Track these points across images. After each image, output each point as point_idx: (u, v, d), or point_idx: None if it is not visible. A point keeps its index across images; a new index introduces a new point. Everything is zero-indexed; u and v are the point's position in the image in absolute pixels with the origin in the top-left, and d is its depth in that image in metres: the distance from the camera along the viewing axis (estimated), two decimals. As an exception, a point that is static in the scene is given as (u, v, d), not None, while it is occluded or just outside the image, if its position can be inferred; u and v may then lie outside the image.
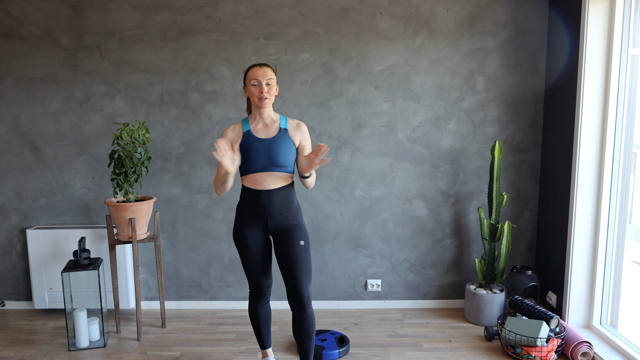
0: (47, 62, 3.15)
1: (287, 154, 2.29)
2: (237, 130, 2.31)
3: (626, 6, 2.64)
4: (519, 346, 2.65)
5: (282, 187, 2.30)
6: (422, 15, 3.12)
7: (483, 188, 3.31)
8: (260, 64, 2.29)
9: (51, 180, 3.28)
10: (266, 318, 2.52)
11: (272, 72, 2.28)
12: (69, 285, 2.87)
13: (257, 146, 2.26)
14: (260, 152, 2.26)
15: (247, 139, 2.28)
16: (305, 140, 2.36)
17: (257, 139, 2.28)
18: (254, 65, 2.30)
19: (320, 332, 2.90)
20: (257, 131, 2.30)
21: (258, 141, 2.27)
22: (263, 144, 2.27)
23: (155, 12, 3.11)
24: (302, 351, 2.40)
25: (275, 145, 2.27)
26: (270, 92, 2.26)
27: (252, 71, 2.27)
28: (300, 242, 2.34)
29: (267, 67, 2.28)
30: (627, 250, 2.80)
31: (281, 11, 3.11)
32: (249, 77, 2.26)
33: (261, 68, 2.26)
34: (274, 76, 2.28)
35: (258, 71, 2.25)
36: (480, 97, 3.21)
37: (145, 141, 2.90)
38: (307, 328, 2.36)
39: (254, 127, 2.31)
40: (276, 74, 2.32)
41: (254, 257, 2.36)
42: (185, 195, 3.29)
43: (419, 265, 3.39)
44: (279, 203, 2.30)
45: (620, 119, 2.71)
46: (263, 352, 2.59)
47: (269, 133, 2.30)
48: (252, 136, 2.28)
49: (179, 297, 3.42)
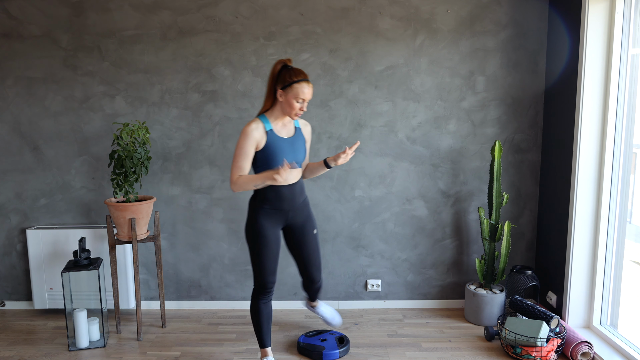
0: (47, 62, 3.15)
1: (304, 151, 2.49)
2: (260, 130, 2.34)
3: (626, 6, 2.64)
4: (519, 346, 2.65)
5: (298, 180, 2.48)
6: (422, 15, 3.12)
7: (483, 188, 3.31)
8: (308, 80, 2.32)
9: (51, 180, 3.28)
10: (268, 316, 2.53)
11: None
12: (69, 285, 2.87)
13: (282, 145, 2.37)
14: (286, 151, 2.37)
15: (272, 139, 2.36)
16: (309, 137, 2.59)
17: (280, 138, 2.38)
18: (301, 78, 2.29)
19: (320, 332, 2.90)
20: (279, 130, 2.40)
21: (282, 140, 2.38)
22: (286, 142, 2.39)
23: (155, 12, 3.11)
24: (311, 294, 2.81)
25: (296, 144, 2.43)
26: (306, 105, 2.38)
27: (301, 88, 2.29)
28: (314, 231, 2.57)
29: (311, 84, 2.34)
30: (627, 250, 2.80)
31: (281, 11, 3.11)
32: (296, 92, 2.29)
33: (308, 86, 2.32)
34: None
35: (306, 90, 2.31)
36: (480, 97, 3.21)
37: (145, 141, 2.90)
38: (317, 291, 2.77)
39: (275, 126, 2.39)
40: None
41: (270, 252, 2.43)
42: (185, 195, 3.29)
43: (419, 265, 3.39)
44: (298, 194, 2.47)
45: (620, 119, 2.71)
46: (262, 351, 2.57)
47: (289, 132, 2.44)
48: (276, 135, 2.37)
49: (179, 297, 3.42)
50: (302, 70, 2.35)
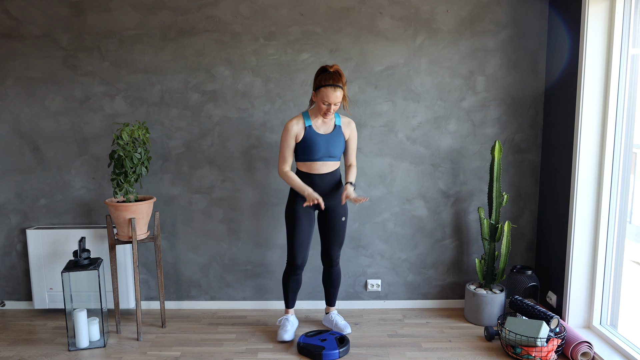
0: (47, 62, 3.15)
1: (340, 147, 2.77)
2: (300, 124, 2.71)
3: (626, 6, 2.64)
4: (519, 346, 2.65)
5: (331, 172, 2.80)
6: (422, 15, 3.12)
7: (483, 188, 3.31)
8: (335, 85, 2.57)
9: (51, 180, 3.28)
10: (294, 288, 2.96)
11: (342, 92, 2.60)
12: (69, 285, 2.87)
13: (317, 140, 2.71)
14: (321, 145, 2.71)
15: (309, 133, 2.71)
16: (353, 135, 2.83)
17: (317, 134, 2.71)
18: (329, 83, 2.56)
19: (320, 332, 2.90)
20: (317, 127, 2.73)
21: (318, 136, 2.71)
22: (323, 138, 2.72)
23: (155, 12, 3.11)
24: (328, 296, 3.07)
25: (332, 140, 2.74)
26: (335, 110, 2.65)
27: (326, 92, 2.57)
28: (342, 218, 2.87)
29: (340, 90, 2.59)
30: (627, 250, 2.80)
31: (281, 11, 3.11)
32: (322, 95, 2.59)
33: (335, 91, 2.57)
34: (342, 96, 2.61)
35: (331, 95, 2.57)
36: (480, 97, 3.21)
37: (145, 141, 2.90)
38: (333, 280, 3.01)
39: (314, 122, 2.73)
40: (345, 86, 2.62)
41: (303, 231, 2.80)
42: (185, 195, 3.29)
43: (419, 265, 3.39)
44: (329, 184, 2.80)
45: (620, 119, 2.71)
46: (285, 310, 3.03)
47: (327, 129, 2.75)
48: (313, 131, 2.71)
49: (179, 297, 3.42)
50: (337, 74, 2.59)
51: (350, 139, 2.83)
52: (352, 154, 2.87)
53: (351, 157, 2.87)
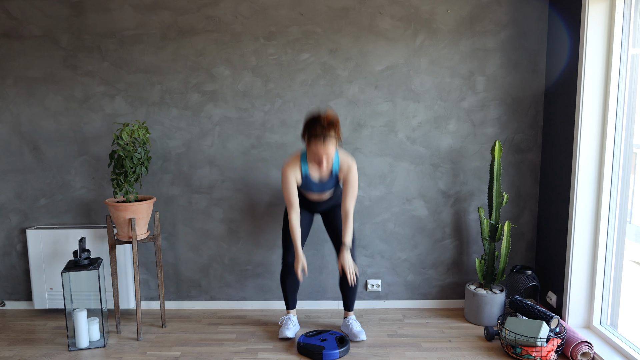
0: (47, 62, 3.15)
1: (335, 185, 2.81)
2: (297, 171, 2.72)
3: (626, 6, 2.64)
4: (519, 346, 2.65)
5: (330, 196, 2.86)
6: (422, 15, 3.12)
7: (483, 188, 3.31)
8: (324, 137, 2.53)
9: (51, 180, 3.28)
10: (292, 288, 2.98)
11: (334, 140, 2.57)
12: (69, 285, 2.87)
13: (312, 185, 2.77)
14: (315, 188, 2.78)
15: (305, 180, 2.76)
16: (351, 176, 2.72)
17: (312, 182, 2.76)
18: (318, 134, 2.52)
19: (320, 332, 2.90)
20: (314, 174, 2.74)
21: (313, 183, 2.76)
22: (317, 185, 2.77)
23: (155, 12, 3.11)
24: (345, 300, 3.01)
25: (327, 184, 2.78)
26: (328, 162, 2.61)
27: (316, 144, 2.54)
28: None
29: (329, 141, 2.54)
30: (627, 250, 2.80)
31: (281, 11, 3.11)
32: (312, 145, 2.56)
33: (324, 144, 2.54)
34: (333, 146, 2.57)
35: (321, 147, 2.55)
36: (480, 97, 3.21)
37: (145, 141, 2.90)
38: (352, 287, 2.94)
39: (311, 169, 2.73)
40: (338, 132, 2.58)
41: None
42: (185, 195, 3.29)
43: (419, 265, 3.39)
44: (326, 203, 2.89)
45: (620, 119, 2.71)
46: (287, 312, 3.06)
47: (323, 177, 2.76)
48: (309, 179, 2.75)
49: (179, 297, 3.42)
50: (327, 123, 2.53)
51: (346, 181, 2.71)
52: (349, 199, 2.73)
53: (348, 202, 2.73)
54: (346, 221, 2.76)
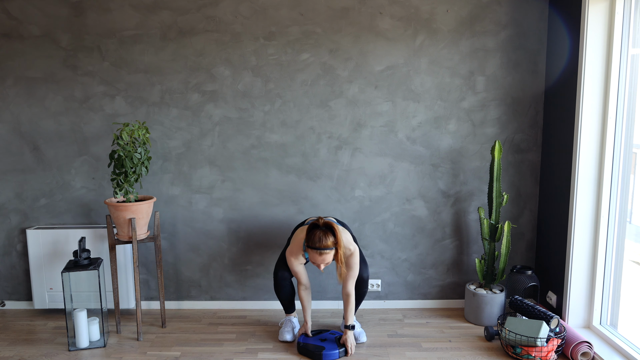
0: (47, 62, 3.15)
1: None
2: (300, 258, 2.75)
3: (626, 6, 2.64)
4: (519, 346, 2.65)
5: None
6: (422, 15, 3.12)
7: (483, 188, 3.31)
8: (321, 250, 2.55)
9: (51, 180, 3.28)
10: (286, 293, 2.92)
11: (332, 251, 2.56)
12: (69, 285, 2.87)
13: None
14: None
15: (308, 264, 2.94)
16: (352, 261, 2.70)
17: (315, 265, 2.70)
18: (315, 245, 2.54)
19: (319, 331, 2.90)
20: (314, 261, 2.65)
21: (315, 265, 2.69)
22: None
23: (155, 12, 3.11)
24: None
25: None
26: (327, 265, 2.62)
27: (314, 255, 2.57)
28: None
29: (326, 253, 2.56)
30: (627, 250, 2.80)
31: (281, 11, 3.11)
32: (311, 255, 2.59)
33: (321, 256, 2.56)
34: (331, 256, 2.58)
35: (318, 258, 2.57)
36: (480, 97, 3.21)
37: (145, 141, 2.90)
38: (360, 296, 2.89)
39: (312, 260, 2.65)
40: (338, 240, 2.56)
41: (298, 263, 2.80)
42: (185, 195, 3.29)
43: (419, 265, 3.39)
44: None
45: (620, 119, 2.71)
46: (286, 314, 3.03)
47: None
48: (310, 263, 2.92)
49: (179, 297, 3.42)
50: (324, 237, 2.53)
51: (347, 265, 2.70)
52: (350, 283, 2.73)
53: (349, 285, 2.74)
54: (348, 302, 2.76)
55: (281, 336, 2.92)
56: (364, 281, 2.85)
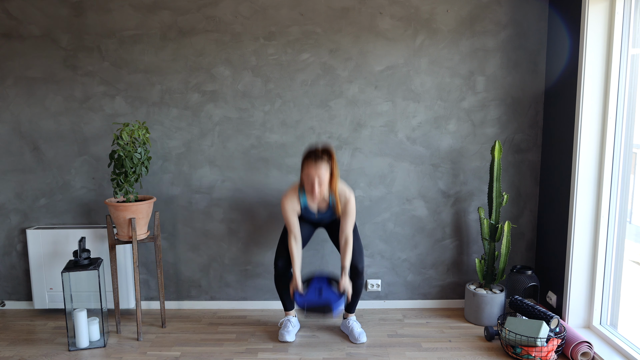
0: (47, 62, 3.15)
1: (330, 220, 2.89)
2: (295, 202, 2.77)
3: (626, 6, 2.64)
4: (519, 346, 2.65)
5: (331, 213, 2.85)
6: (422, 15, 3.12)
7: (483, 188, 3.31)
8: (316, 158, 2.60)
9: (51, 180, 3.28)
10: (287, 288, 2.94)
11: (327, 165, 2.60)
12: (69, 285, 2.87)
13: (311, 215, 2.84)
14: (314, 221, 2.91)
15: (304, 213, 2.83)
16: (349, 207, 2.75)
17: (311, 212, 2.81)
18: (310, 155, 2.61)
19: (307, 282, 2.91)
20: (312, 205, 2.78)
21: (312, 213, 2.82)
22: (314, 216, 2.85)
23: (155, 12, 3.11)
24: (348, 304, 2.98)
25: (324, 217, 2.86)
26: (321, 187, 2.62)
27: (308, 165, 2.60)
28: None
29: (322, 163, 2.59)
30: (627, 250, 2.80)
31: (281, 11, 3.11)
32: (304, 169, 2.62)
33: (315, 165, 2.59)
34: (327, 172, 2.61)
35: (312, 169, 2.59)
36: (480, 97, 3.21)
37: (145, 141, 2.90)
38: (357, 290, 2.90)
39: (310, 202, 2.76)
40: (333, 160, 2.64)
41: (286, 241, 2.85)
42: (185, 195, 3.29)
43: (419, 265, 3.39)
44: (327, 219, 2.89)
45: (620, 119, 2.71)
46: (286, 313, 3.05)
47: (320, 208, 2.81)
48: (308, 211, 2.82)
49: (179, 297, 3.42)
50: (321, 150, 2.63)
51: (344, 212, 2.76)
52: (347, 227, 2.78)
53: (347, 229, 2.78)
54: (346, 246, 2.79)
55: (281, 336, 2.92)
56: (359, 273, 2.83)
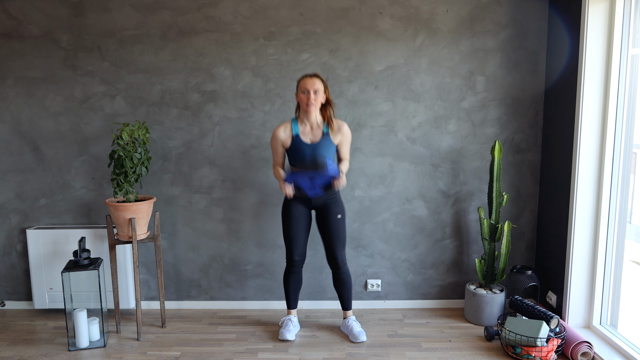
0: (47, 62, 3.15)
1: (328, 154, 2.75)
2: (287, 131, 2.76)
3: (626, 6, 2.64)
4: (519, 346, 2.65)
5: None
6: (422, 15, 3.12)
7: (483, 188, 3.31)
8: (311, 75, 2.73)
9: (51, 180, 3.28)
10: (295, 287, 3.00)
11: (321, 82, 2.71)
12: (69, 285, 2.87)
13: (304, 149, 2.74)
14: (307, 154, 2.73)
15: (296, 142, 2.74)
16: (345, 139, 2.81)
17: (304, 143, 2.74)
18: (306, 75, 2.74)
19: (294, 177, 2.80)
20: (305, 135, 2.76)
21: (305, 145, 2.74)
22: (309, 148, 2.74)
23: (155, 12, 3.11)
24: (341, 300, 3.01)
25: (319, 150, 2.73)
26: (317, 100, 2.69)
27: (303, 81, 2.71)
28: (337, 215, 2.85)
29: (316, 78, 2.72)
30: (627, 250, 2.80)
31: (281, 11, 3.11)
32: (300, 86, 2.71)
33: (311, 79, 2.71)
34: (321, 86, 2.71)
35: (308, 81, 2.70)
36: (480, 97, 3.21)
37: (145, 141, 2.90)
38: (343, 282, 2.95)
39: (302, 130, 2.77)
40: (325, 83, 2.74)
41: (296, 227, 2.85)
42: (185, 195, 3.29)
43: (419, 265, 3.39)
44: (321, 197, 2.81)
45: (620, 119, 2.71)
46: (288, 312, 3.07)
47: (314, 137, 2.76)
48: (300, 140, 2.74)
49: (179, 297, 3.42)
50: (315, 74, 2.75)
51: (341, 144, 2.82)
52: (345, 152, 2.86)
53: (344, 154, 2.86)
54: (342, 161, 2.85)
55: (281, 335, 2.92)
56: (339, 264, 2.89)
